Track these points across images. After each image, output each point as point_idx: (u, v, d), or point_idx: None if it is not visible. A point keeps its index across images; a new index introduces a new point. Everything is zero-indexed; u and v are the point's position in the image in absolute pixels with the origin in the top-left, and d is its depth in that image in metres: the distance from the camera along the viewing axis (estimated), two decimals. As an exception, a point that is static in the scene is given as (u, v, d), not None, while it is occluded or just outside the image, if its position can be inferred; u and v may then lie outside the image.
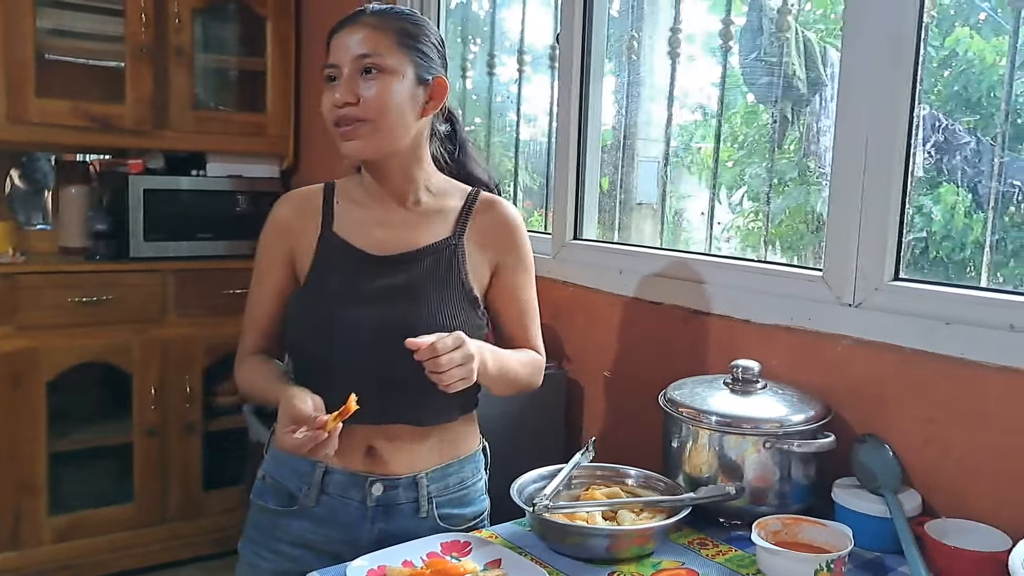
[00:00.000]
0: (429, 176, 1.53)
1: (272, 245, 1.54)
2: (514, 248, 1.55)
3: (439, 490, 1.48)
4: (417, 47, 1.43)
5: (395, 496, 1.45)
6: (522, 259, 1.56)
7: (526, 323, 1.57)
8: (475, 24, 3.25)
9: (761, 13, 3.28)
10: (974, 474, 1.41)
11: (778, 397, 1.52)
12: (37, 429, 3.04)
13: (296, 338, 1.50)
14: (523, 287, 1.56)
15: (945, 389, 1.44)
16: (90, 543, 3.19)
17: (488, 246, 1.52)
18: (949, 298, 1.44)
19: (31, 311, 3.01)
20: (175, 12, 3.26)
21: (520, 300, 1.56)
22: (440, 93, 1.47)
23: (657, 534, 1.34)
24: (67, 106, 3.13)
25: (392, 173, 1.49)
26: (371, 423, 1.41)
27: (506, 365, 1.46)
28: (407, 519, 1.46)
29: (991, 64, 3.38)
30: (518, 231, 1.55)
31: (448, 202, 1.53)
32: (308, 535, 1.46)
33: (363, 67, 1.39)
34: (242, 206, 3.48)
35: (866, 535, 1.34)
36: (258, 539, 1.52)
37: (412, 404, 1.43)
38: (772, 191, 2.17)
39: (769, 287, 1.75)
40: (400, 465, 1.46)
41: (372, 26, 1.41)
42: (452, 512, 1.50)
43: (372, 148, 1.43)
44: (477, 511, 1.55)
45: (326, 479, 1.45)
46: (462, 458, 1.53)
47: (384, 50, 1.39)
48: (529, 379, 1.55)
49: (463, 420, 1.53)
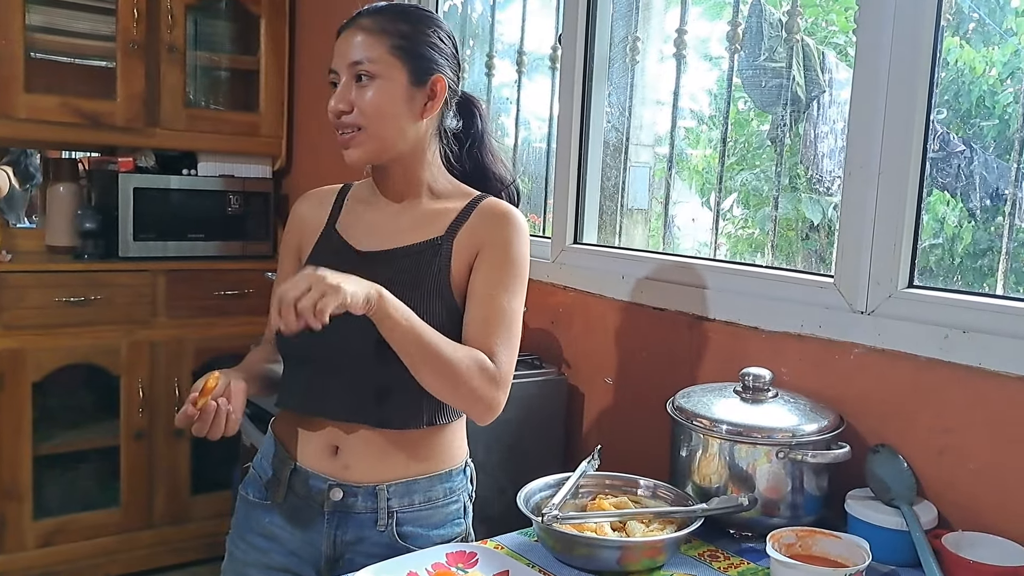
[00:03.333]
0: (435, 177, 1.48)
1: (287, 239, 1.57)
2: (495, 239, 1.40)
3: (402, 505, 1.41)
4: (412, 49, 1.39)
5: (353, 504, 1.41)
6: (500, 255, 1.40)
7: (488, 324, 1.37)
8: (471, 27, 3.23)
9: (761, 18, 3.26)
10: (991, 486, 1.38)
11: (790, 406, 1.49)
12: (22, 431, 2.99)
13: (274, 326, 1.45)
14: (496, 284, 1.39)
15: (961, 399, 1.42)
16: (75, 548, 3.14)
17: (474, 245, 1.42)
18: (966, 306, 1.42)
19: (17, 311, 2.95)
20: (168, 8, 3.21)
21: (487, 298, 1.38)
22: (440, 93, 1.41)
23: (668, 546, 1.31)
24: (56, 102, 3.08)
25: (394, 174, 1.46)
26: (334, 419, 1.41)
27: (426, 333, 1.28)
28: (365, 529, 1.41)
29: (981, 74, 3.38)
30: (506, 227, 1.42)
31: (448, 204, 1.48)
32: (276, 530, 1.45)
33: (356, 74, 1.37)
34: (233, 206, 3.44)
35: (881, 548, 1.30)
36: (236, 528, 1.52)
37: (374, 403, 1.38)
38: (766, 198, 2.15)
39: (778, 293, 1.72)
40: (362, 472, 1.41)
41: (367, 30, 1.38)
42: (415, 531, 1.42)
43: (369, 155, 1.41)
44: (447, 535, 1.45)
45: (292, 477, 1.44)
46: (432, 475, 1.43)
47: (375, 56, 1.36)
48: (465, 373, 1.31)
49: (435, 432, 1.44)
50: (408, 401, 1.38)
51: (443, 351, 1.29)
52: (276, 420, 1.54)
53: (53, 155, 3.48)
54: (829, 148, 3.51)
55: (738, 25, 1.97)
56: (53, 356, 3.04)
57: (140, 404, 3.19)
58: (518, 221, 1.44)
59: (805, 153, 3.56)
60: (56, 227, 3.29)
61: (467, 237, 1.42)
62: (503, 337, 1.37)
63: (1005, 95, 3.22)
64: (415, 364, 1.30)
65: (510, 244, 1.41)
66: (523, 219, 1.45)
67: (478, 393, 1.33)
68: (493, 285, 1.39)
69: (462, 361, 1.31)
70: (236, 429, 1.32)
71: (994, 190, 3.16)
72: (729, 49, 2.01)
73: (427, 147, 1.46)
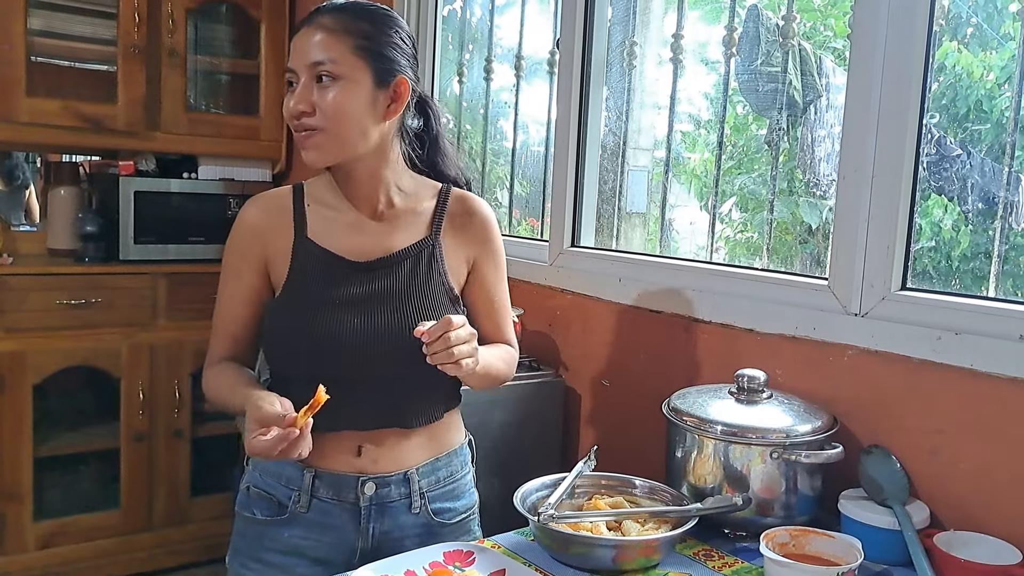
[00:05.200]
0: (400, 176, 1.48)
1: (242, 248, 1.49)
2: (488, 243, 1.53)
3: (430, 484, 1.48)
4: (375, 50, 1.36)
5: (387, 494, 1.44)
6: (495, 254, 1.55)
7: (498, 318, 1.57)
8: (470, 31, 3.24)
9: (758, 23, 3.28)
10: (982, 486, 1.39)
11: (784, 407, 1.51)
12: (22, 433, 2.99)
13: (274, 347, 1.45)
14: (495, 281, 1.55)
15: (953, 400, 1.43)
16: (75, 550, 3.14)
17: (464, 243, 1.51)
18: (959, 308, 1.43)
19: (18, 313, 2.96)
20: (168, 13, 3.22)
21: (493, 295, 1.55)
22: (403, 94, 1.40)
23: (663, 545, 1.32)
24: (58, 106, 3.09)
25: (359, 177, 1.44)
26: (358, 430, 1.42)
27: (489, 362, 1.44)
28: (401, 516, 1.45)
29: (978, 78, 3.40)
30: (492, 226, 1.54)
31: (421, 203, 1.50)
32: (298, 542, 1.44)
33: (317, 74, 1.34)
34: (233, 209, 3.44)
35: (873, 547, 1.32)
36: (245, 550, 1.48)
37: (399, 408, 1.42)
38: (764, 202, 2.16)
39: (773, 296, 1.74)
40: (390, 464, 1.44)
41: (328, 29, 1.34)
42: (444, 506, 1.50)
43: (330, 156, 1.39)
44: (467, 504, 1.55)
45: (316, 484, 1.43)
46: (450, 452, 1.52)
47: (338, 56, 1.33)
48: (507, 372, 1.56)
49: (448, 415, 1.52)
50: (428, 400, 1.45)
51: (500, 369, 1.51)
52: None
53: (54, 159, 3.49)
54: (826, 152, 3.53)
55: (735, 29, 1.98)
56: (54, 358, 3.04)
57: (140, 406, 3.20)
58: (493, 216, 1.56)
59: (802, 157, 3.58)
60: (57, 230, 3.29)
61: (452, 233, 1.50)
62: (508, 321, 1.60)
63: (1002, 99, 3.24)
64: (479, 387, 1.50)
65: (498, 242, 1.56)
66: (490, 208, 1.58)
67: (509, 377, 1.57)
68: (495, 285, 1.56)
69: (502, 362, 1.53)
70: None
71: (990, 194, 3.17)
72: (726, 53, 2.02)
73: (390, 148, 1.45)
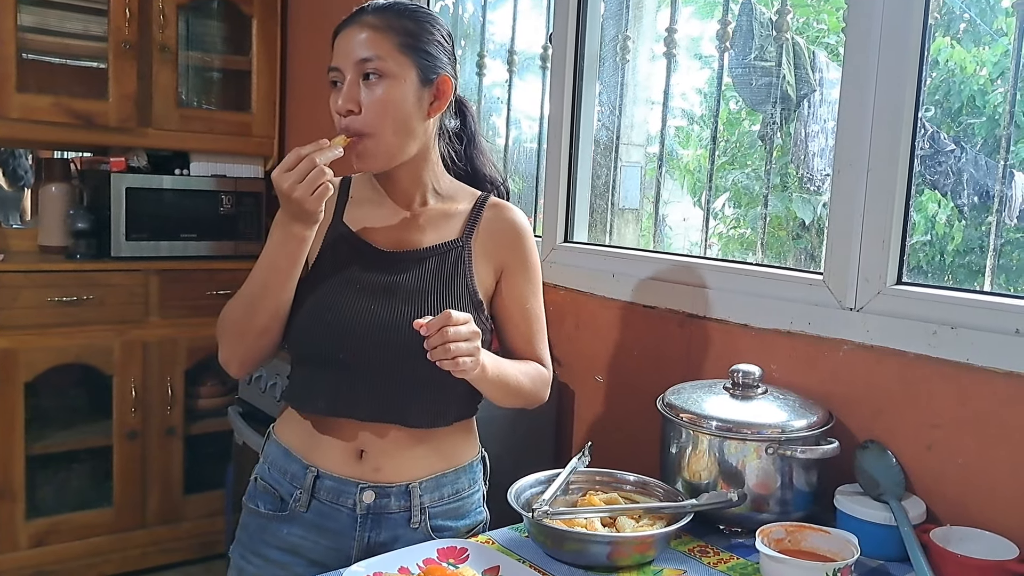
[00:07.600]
0: (438, 178, 1.49)
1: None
2: (520, 253, 1.49)
3: (433, 500, 1.44)
4: (421, 47, 1.37)
5: (386, 505, 1.41)
6: (528, 266, 1.50)
7: (531, 334, 1.51)
8: (463, 27, 3.23)
9: (751, 17, 3.28)
10: (978, 480, 1.39)
11: (779, 402, 1.50)
12: (15, 431, 2.99)
13: (292, 324, 1.42)
14: (529, 295, 1.50)
15: (949, 394, 1.42)
16: (68, 548, 3.13)
17: (494, 250, 1.48)
18: (954, 302, 1.43)
19: (9, 311, 2.95)
20: (159, 8, 3.21)
21: (525, 309, 1.50)
22: (446, 92, 1.41)
23: (658, 541, 1.32)
24: (49, 102, 3.07)
25: (400, 176, 1.45)
26: (361, 420, 1.39)
27: (505, 372, 1.40)
28: (398, 529, 1.42)
29: (972, 73, 3.40)
30: (525, 236, 1.50)
31: (456, 205, 1.49)
32: (297, 540, 1.42)
33: (364, 72, 1.34)
34: (226, 206, 3.44)
35: (869, 543, 1.31)
36: (246, 543, 1.47)
37: (400, 404, 1.39)
38: (757, 197, 2.16)
39: (768, 291, 1.73)
40: (392, 473, 1.41)
41: (373, 27, 1.35)
42: (446, 524, 1.45)
43: (380, 163, 1.39)
44: (472, 523, 1.50)
45: (317, 484, 1.41)
46: (458, 468, 1.47)
47: (385, 53, 1.34)
48: (533, 391, 1.48)
49: (459, 427, 1.48)
50: (437, 399, 1.41)
51: (521, 383, 1.44)
52: (281, 425, 1.50)
53: (45, 155, 3.47)
54: (820, 147, 3.53)
55: (728, 24, 1.98)
56: (46, 356, 3.03)
57: (133, 404, 3.19)
58: (528, 227, 1.52)
59: (795, 152, 3.58)
60: (48, 227, 3.29)
61: (484, 239, 1.47)
62: (544, 340, 1.53)
63: (995, 95, 3.24)
64: (496, 399, 1.43)
65: (532, 253, 1.51)
66: (526, 219, 1.53)
67: (540, 397, 1.51)
68: (527, 298, 1.50)
69: (527, 378, 1.46)
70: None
71: (984, 189, 3.17)
72: (719, 48, 2.02)
73: (431, 148, 1.46)
